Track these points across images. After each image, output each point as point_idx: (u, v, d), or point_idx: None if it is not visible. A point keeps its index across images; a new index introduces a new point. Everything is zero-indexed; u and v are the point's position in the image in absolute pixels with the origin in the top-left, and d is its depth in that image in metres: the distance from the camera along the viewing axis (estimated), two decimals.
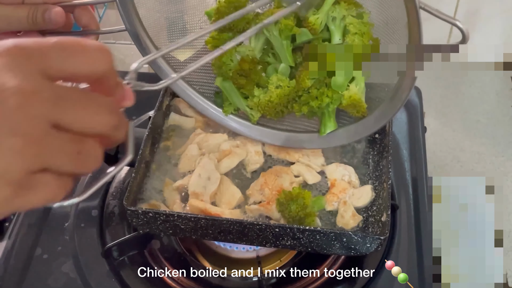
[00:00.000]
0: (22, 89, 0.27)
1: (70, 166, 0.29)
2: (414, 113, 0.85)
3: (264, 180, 0.67)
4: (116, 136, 0.32)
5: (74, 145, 0.29)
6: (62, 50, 0.30)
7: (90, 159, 0.30)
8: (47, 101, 0.28)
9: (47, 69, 0.29)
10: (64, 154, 0.29)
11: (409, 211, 0.72)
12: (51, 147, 0.28)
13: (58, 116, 0.28)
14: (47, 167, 0.28)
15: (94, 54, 0.31)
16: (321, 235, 0.59)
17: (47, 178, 0.29)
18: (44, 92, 0.28)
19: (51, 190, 0.29)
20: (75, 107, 0.29)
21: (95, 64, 0.31)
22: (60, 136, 0.28)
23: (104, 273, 0.67)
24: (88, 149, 0.30)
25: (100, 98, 0.31)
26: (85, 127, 0.29)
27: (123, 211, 0.73)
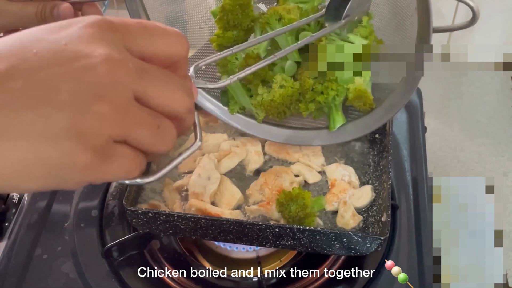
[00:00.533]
0: (110, 57, 0.28)
1: (149, 139, 0.29)
2: (414, 113, 0.85)
3: (264, 180, 0.67)
4: (188, 121, 0.33)
5: (154, 118, 0.30)
6: (144, 30, 0.31)
7: (167, 136, 0.30)
8: (133, 72, 0.28)
9: (130, 44, 0.30)
10: (145, 125, 0.29)
11: (409, 211, 0.72)
12: (133, 116, 0.28)
13: (141, 88, 0.29)
14: (128, 138, 0.29)
15: (173, 38, 0.32)
16: (321, 235, 0.59)
17: (126, 150, 0.29)
18: (130, 63, 0.29)
19: (128, 163, 0.29)
20: (157, 83, 0.30)
21: (173, 47, 0.32)
22: (142, 108, 0.29)
23: (104, 273, 0.67)
24: (165, 125, 0.30)
25: (179, 79, 0.31)
26: (165, 104, 0.30)
27: (123, 211, 0.73)
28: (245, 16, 0.63)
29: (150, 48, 0.31)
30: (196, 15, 0.71)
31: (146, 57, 0.31)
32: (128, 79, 0.28)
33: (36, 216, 0.73)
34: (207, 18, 0.71)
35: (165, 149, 0.31)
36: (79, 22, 0.29)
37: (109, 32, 0.29)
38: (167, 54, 0.32)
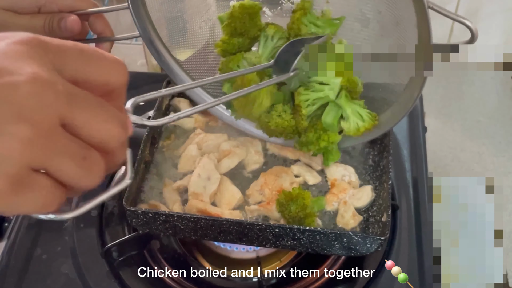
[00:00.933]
0: (37, 77, 0.25)
1: (73, 171, 0.27)
2: (414, 113, 0.85)
3: (264, 180, 0.67)
4: (118, 156, 0.30)
5: (80, 149, 0.27)
6: (80, 53, 0.29)
7: (94, 169, 0.28)
8: (61, 96, 0.26)
9: (63, 66, 0.28)
10: (69, 155, 0.26)
11: (409, 211, 0.72)
12: (57, 143, 0.26)
13: (69, 114, 0.26)
14: (48, 168, 0.26)
15: (111, 65, 0.30)
16: (321, 236, 0.59)
17: (45, 181, 0.26)
18: (59, 85, 0.26)
19: (45, 196, 0.26)
20: (88, 110, 0.27)
21: (111, 74, 0.30)
22: (67, 136, 0.27)
23: (103, 273, 0.67)
24: (93, 158, 0.28)
25: (113, 109, 0.29)
26: (95, 134, 0.28)
27: (122, 211, 0.73)
28: (253, 25, 0.63)
29: (84, 73, 0.29)
30: (196, 15, 0.71)
31: (79, 82, 0.28)
32: (55, 102, 0.26)
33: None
34: (207, 18, 0.71)
35: (90, 183, 0.28)
36: (8, 38, 0.27)
37: (40, 51, 0.27)
38: (103, 82, 0.30)
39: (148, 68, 1.01)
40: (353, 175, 0.70)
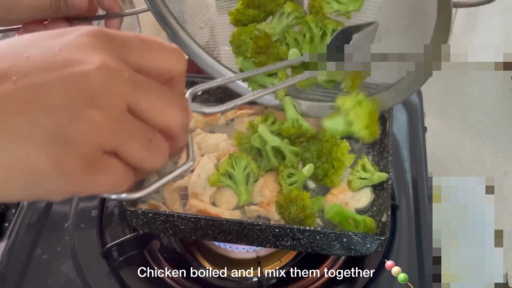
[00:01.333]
0: (105, 65, 0.27)
1: (140, 153, 0.28)
2: (414, 113, 0.85)
3: (264, 181, 0.67)
4: (182, 139, 0.31)
5: (147, 132, 0.29)
6: (142, 43, 0.30)
7: (159, 151, 0.29)
8: (127, 83, 0.28)
9: (127, 55, 0.29)
10: (137, 138, 0.28)
11: (409, 211, 0.72)
12: (126, 127, 0.27)
13: (135, 100, 0.28)
14: (118, 150, 0.28)
15: (171, 53, 0.31)
16: (321, 236, 0.59)
17: (115, 162, 0.28)
18: (125, 73, 0.28)
19: (117, 176, 0.28)
20: (152, 96, 0.29)
21: (171, 62, 0.31)
22: (135, 120, 0.28)
23: (104, 273, 0.67)
24: (158, 141, 0.29)
25: (175, 95, 0.30)
26: (159, 118, 0.29)
27: (123, 211, 0.73)
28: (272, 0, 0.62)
29: (146, 62, 0.30)
30: (196, 15, 0.71)
31: (142, 70, 0.30)
32: (123, 89, 0.27)
33: (36, 216, 0.73)
34: (207, 18, 0.71)
35: (156, 164, 0.29)
36: (75, 31, 0.28)
37: (105, 42, 0.28)
38: (164, 69, 0.31)
39: None
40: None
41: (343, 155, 0.65)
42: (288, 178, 0.65)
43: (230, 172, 0.65)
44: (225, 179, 0.66)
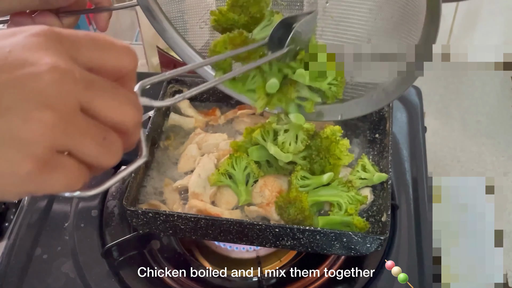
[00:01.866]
0: (56, 66, 0.27)
1: (94, 151, 0.29)
2: (414, 113, 0.85)
3: (264, 182, 0.67)
4: (134, 136, 0.32)
5: (100, 130, 0.29)
6: (93, 42, 0.31)
7: (113, 149, 0.30)
8: (80, 82, 0.28)
9: (77, 55, 0.29)
10: (90, 136, 0.28)
11: (409, 211, 0.72)
12: (79, 127, 0.28)
13: (87, 99, 0.28)
14: (72, 149, 0.28)
15: (122, 51, 0.32)
16: (321, 235, 0.59)
17: (70, 161, 0.28)
18: (76, 73, 0.28)
19: (71, 175, 0.28)
20: (104, 94, 0.29)
21: (122, 61, 0.32)
22: (88, 119, 0.29)
23: (104, 273, 0.67)
24: (112, 138, 0.30)
25: (127, 92, 0.31)
26: (112, 116, 0.30)
27: (123, 211, 0.73)
28: (256, 3, 0.63)
29: (98, 61, 0.31)
30: (196, 15, 0.71)
31: (94, 69, 0.30)
32: (74, 89, 0.28)
33: (36, 216, 0.73)
34: (207, 18, 0.71)
35: (110, 161, 0.30)
36: (25, 31, 0.29)
37: (56, 42, 0.29)
38: (115, 68, 0.31)
39: (148, 68, 1.01)
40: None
41: (341, 152, 0.65)
42: (302, 180, 0.65)
43: (230, 172, 0.65)
44: (225, 179, 0.66)
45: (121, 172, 0.33)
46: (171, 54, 0.92)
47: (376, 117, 0.74)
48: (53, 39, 0.29)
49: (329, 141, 0.65)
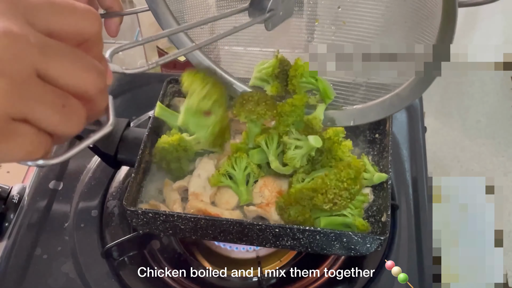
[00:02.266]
0: (9, 31, 0.26)
1: (52, 119, 0.28)
2: (414, 113, 0.85)
3: (264, 182, 0.67)
4: (99, 103, 0.31)
5: (58, 97, 0.28)
6: (50, 6, 0.29)
7: (74, 117, 0.29)
8: (35, 47, 0.27)
9: (35, 19, 0.28)
10: (48, 103, 0.27)
11: (409, 211, 0.72)
12: (35, 93, 0.27)
13: (44, 65, 0.27)
14: (28, 116, 0.27)
15: (83, 14, 0.30)
16: (321, 235, 0.59)
17: (27, 129, 0.27)
18: (31, 37, 0.27)
19: (29, 143, 0.27)
20: (62, 59, 0.28)
21: (83, 24, 0.30)
22: (45, 86, 0.27)
23: (104, 273, 0.67)
24: (72, 106, 0.29)
25: (88, 57, 0.30)
26: (71, 83, 0.28)
27: (123, 211, 0.73)
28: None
29: (57, 25, 0.29)
30: (196, 15, 0.71)
31: (54, 34, 0.29)
32: (29, 54, 0.27)
33: (36, 216, 0.73)
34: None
35: (71, 130, 0.29)
36: None
37: (11, 6, 0.28)
38: (76, 31, 0.30)
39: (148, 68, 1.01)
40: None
41: (343, 153, 0.65)
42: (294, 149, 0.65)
43: (231, 172, 0.65)
44: (226, 179, 0.66)
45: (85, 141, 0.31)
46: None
47: None
48: (9, 3, 0.28)
49: (332, 142, 0.65)
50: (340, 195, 0.60)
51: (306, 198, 0.61)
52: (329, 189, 0.60)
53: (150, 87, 0.88)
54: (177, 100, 0.78)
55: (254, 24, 0.56)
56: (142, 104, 0.85)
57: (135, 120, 0.83)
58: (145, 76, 0.94)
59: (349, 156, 0.66)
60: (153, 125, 0.70)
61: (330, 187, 0.60)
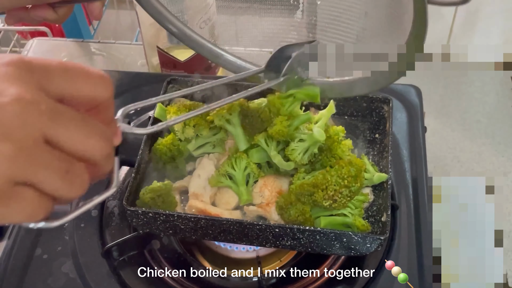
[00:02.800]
0: (21, 98, 0.27)
1: (56, 184, 0.29)
2: (414, 113, 0.85)
3: (264, 182, 0.67)
4: (104, 167, 0.32)
5: (63, 163, 0.29)
6: (65, 71, 0.30)
7: (77, 182, 0.30)
8: (44, 114, 0.28)
9: (47, 85, 0.29)
10: (52, 169, 0.28)
11: (409, 211, 0.72)
12: (40, 159, 0.28)
13: (52, 131, 0.28)
14: (32, 181, 0.28)
15: (96, 80, 0.31)
16: (321, 235, 0.59)
17: (29, 193, 0.28)
18: (42, 104, 0.28)
19: (31, 206, 0.28)
20: (70, 126, 0.29)
21: (96, 90, 0.31)
22: (51, 151, 0.28)
23: (104, 273, 0.67)
24: (76, 171, 0.29)
25: (96, 123, 0.30)
26: (77, 149, 0.29)
27: (123, 211, 0.73)
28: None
29: (69, 90, 0.30)
30: (196, 15, 0.71)
31: (65, 99, 0.30)
32: (38, 120, 0.27)
33: None
34: (207, 18, 0.71)
35: (73, 194, 0.30)
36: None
37: (25, 72, 0.28)
38: (88, 97, 0.31)
39: (148, 68, 1.01)
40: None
41: (343, 152, 0.65)
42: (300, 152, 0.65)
43: (230, 173, 0.65)
44: (225, 179, 0.66)
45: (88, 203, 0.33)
46: (171, 54, 0.92)
47: (376, 117, 0.74)
48: (23, 69, 0.28)
49: (332, 141, 0.65)
50: (340, 192, 0.60)
51: (306, 194, 0.61)
52: (330, 185, 0.60)
53: (150, 87, 0.88)
54: (177, 100, 0.78)
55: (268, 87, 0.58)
56: (141, 106, 0.85)
57: (135, 121, 0.83)
58: (144, 76, 0.94)
59: (348, 155, 0.66)
60: (153, 125, 0.70)
61: (331, 183, 0.60)
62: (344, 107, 0.75)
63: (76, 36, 1.13)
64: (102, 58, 1.06)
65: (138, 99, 0.39)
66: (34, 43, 1.07)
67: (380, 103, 0.73)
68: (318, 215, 0.63)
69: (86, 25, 1.17)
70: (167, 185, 0.66)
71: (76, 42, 1.09)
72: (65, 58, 1.06)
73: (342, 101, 0.74)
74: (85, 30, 1.16)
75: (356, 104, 0.74)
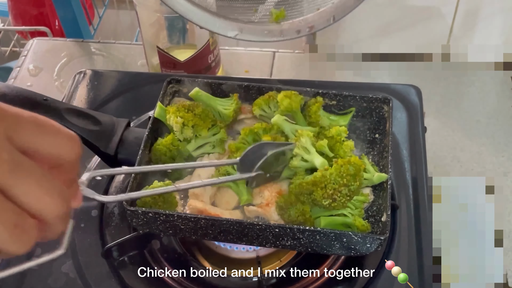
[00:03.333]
0: None
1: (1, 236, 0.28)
2: (414, 113, 0.85)
3: None
4: (56, 228, 0.31)
5: (14, 216, 0.28)
6: (35, 125, 0.30)
7: (24, 238, 0.29)
8: (5, 164, 0.27)
9: (14, 135, 0.29)
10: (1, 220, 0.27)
11: (409, 211, 0.72)
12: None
13: (9, 182, 0.28)
14: None
15: (64, 140, 0.31)
16: (321, 235, 0.59)
17: None
18: (5, 153, 0.27)
19: None
20: (29, 180, 0.28)
21: (62, 150, 0.31)
22: (3, 201, 0.28)
23: (104, 273, 0.67)
24: (25, 227, 0.29)
25: (56, 182, 0.30)
26: (32, 204, 0.29)
27: (123, 211, 0.73)
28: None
29: (35, 145, 0.30)
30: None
31: (29, 152, 0.30)
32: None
33: None
34: None
35: (18, 250, 0.29)
36: None
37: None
38: (53, 155, 0.31)
39: (148, 68, 1.01)
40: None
41: (345, 153, 0.65)
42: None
43: (230, 173, 0.65)
44: None
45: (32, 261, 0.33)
46: (171, 54, 0.92)
47: (376, 117, 0.74)
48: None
49: (334, 141, 0.65)
50: (340, 191, 0.60)
51: (306, 192, 0.61)
52: (329, 183, 0.60)
53: (150, 87, 0.88)
54: (177, 100, 0.78)
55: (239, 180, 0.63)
56: (142, 104, 0.85)
57: (135, 121, 0.83)
58: (144, 76, 0.94)
59: (350, 156, 0.66)
60: (153, 125, 0.70)
61: (330, 181, 0.60)
62: (344, 108, 0.75)
63: (76, 36, 1.13)
64: (102, 58, 1.06)
65: (138, 99, 0.39)
66: (34, 43, 1.07)
67: (380, 103, 0.73)
68: (318, 215, 0.63)
69: (86, 25, 1.17)
70: (167, 185, 0.66)
71: (76, 42, 1.09)
72: (65, 58, 1.06)
73: (342, 101, 0.74)
74: (85, 30, 1.16)
75: (356, 104, 0.74)
